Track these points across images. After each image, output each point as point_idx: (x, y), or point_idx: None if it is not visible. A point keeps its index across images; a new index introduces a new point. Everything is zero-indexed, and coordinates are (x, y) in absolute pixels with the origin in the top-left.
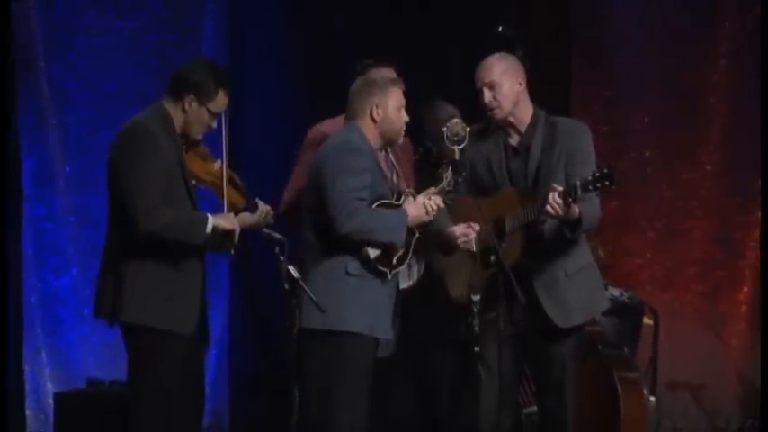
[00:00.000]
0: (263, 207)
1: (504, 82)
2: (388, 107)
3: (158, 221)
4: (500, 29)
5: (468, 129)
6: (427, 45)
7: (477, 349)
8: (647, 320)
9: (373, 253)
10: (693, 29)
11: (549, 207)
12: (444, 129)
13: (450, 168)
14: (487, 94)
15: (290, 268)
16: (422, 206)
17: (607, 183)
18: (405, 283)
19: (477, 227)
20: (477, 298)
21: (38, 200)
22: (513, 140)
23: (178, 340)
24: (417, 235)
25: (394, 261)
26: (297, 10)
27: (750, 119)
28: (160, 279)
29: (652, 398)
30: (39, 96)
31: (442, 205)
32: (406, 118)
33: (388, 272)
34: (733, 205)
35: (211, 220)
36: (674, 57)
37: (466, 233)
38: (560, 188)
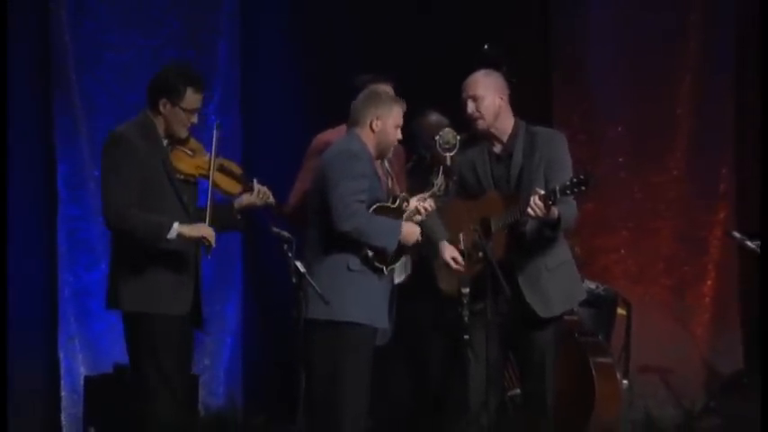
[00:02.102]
0: (258, 188)
1: (487, 96)
2: (387, 122)
3: (126, 222)
4: (486, 48)
5: (458, 137)
6: (421, 61)
7: (466, 337)
8: (620, 311)
9: (372, 251)
10: (662, 47)
11: (530, 209)
12: (437, 137)
13: (440, 173)
14: (471, 106)
15: (297, 264)
16: (416, 228)
17: (583, 187)
18: (399, 278)
19: (462, 265)
20: (466, 291)
21: (71, 201)
22: (497, 148)
23: (171, 321)
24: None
25: (390, 259)
26: (303, 29)
27: (713, 128)
28: (147, 268)
29: (625, 381)
30: (71, 107)
31: (434, 207)
32: (399, 136)
33: (385, 268)
34: (698, 207)
35: (176, 228)
36: (644, 72)
37: (453, 260)
38: (541, 192)
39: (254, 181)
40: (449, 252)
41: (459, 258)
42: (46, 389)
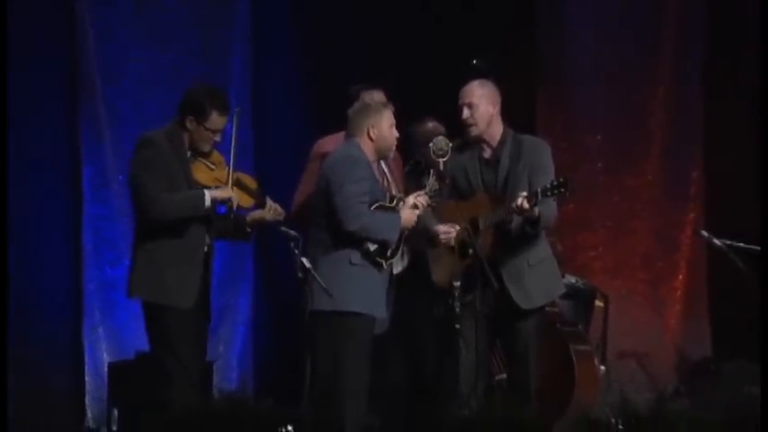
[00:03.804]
0: (271, 204)
1: (481, 104)
2: (382, 127)
3: (162, 206)
4: (475, 62)
5: (450, 144)
6: (418, 73)
7: (457, 326)
8: (598, 303)
9: (372, 247)
10: (638, 61)
11: (515, 206)
12: (431, 144)
13: (432, 176)
14: (466, 112)
15: (303, 260)
16: (413, 212)
17: (562, 190)
18: (397, 269)
19: (457, 227)
20: (457, 284)
21: (95, 202)
22: (486, 154)
23: (183, 314)
24: (406, 233)
25: (388, 253)
26: (309, 46)
27: (684, 135)
28: (160, 262)
29: (603, 367)
30: (95, 114)
31: (429, 202)
32: (396, 134)
33: (384, 262)
34: (671, 208)
35: (209, 193)
36: (621, 84)
37: (447, 231)
38: (525, 194)
39: (267, 198)
40: (442, 228)
41: (451, 229)
42: (72, 375)
